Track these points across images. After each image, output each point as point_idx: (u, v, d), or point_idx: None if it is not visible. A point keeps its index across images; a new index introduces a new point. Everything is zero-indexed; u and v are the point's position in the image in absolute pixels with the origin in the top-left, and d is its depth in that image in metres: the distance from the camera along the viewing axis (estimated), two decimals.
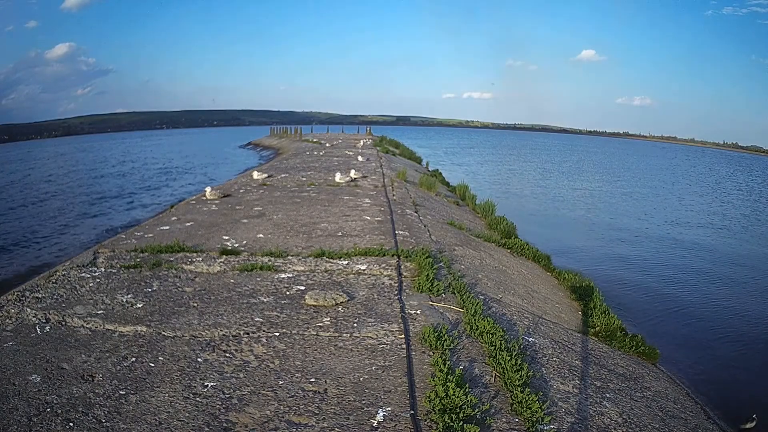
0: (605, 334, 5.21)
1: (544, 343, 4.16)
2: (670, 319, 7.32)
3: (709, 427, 3.86)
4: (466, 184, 14.42)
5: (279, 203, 9.07)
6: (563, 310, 5.93)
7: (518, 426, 2.69)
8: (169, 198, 16.69)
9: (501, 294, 5.36)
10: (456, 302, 4.40)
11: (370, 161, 17.53)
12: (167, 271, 5.07)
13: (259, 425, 2.58)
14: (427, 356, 3.35)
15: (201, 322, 3.82)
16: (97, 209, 15.76)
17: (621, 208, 18.24)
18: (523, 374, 3.09)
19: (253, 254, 5.68)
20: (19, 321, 3.80)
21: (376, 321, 3.89)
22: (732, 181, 34.73)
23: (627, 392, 3.78)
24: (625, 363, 4.60)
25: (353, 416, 2.66)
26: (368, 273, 5.10)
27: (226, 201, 9.40)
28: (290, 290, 4.56)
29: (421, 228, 7.51)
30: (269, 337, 3.61)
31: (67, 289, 4.49)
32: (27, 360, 3.18)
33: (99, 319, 3.86)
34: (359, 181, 12.03)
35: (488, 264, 6.57)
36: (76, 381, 2.95)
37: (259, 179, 12.48)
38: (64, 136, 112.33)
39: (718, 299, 8.39)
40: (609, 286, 8.02)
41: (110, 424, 2.54)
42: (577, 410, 3.11)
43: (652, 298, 8.22)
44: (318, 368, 3.17)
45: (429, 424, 2.57)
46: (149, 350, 3.36)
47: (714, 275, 9.94)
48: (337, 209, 8.47)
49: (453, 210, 10.82)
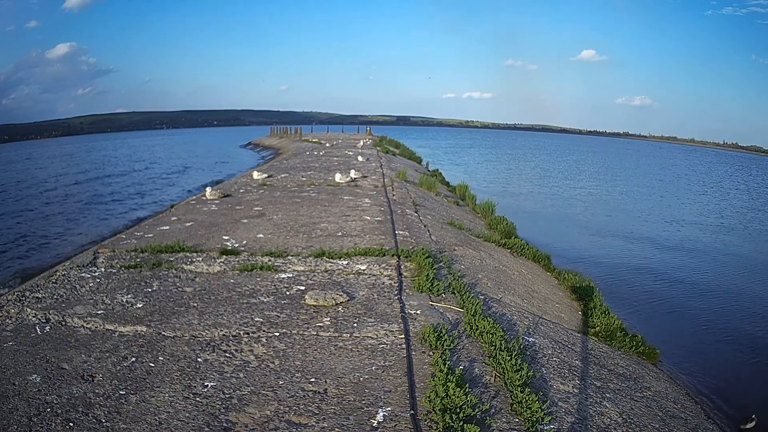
0: (605, 334, 5.21)
1: (544, 343, 4.16)
2: (670, 319, 7.31)
3: (709, 427, 3.86)
4: (466, 184, 14.42)
5: (279, 203, 9.07)
6: (563, 310, 5.93)
7: (518, 426, 2.69)
8: (175, 198, 16.67)
9: (501, 294, 5.36)
10: (456, 302, 4.40)
11: (370, 161, 17.53)
12: (167, 271, 5.07)
13: (259, 425, 2.58)
14: (427, 356, 3.35)
15: (201, 322, 3.82)
16: (98, 209, 15.76)
17: (621, 208, 18.24)
18: (523, 374, 3.09)
19: (253, 254, 5.68)
20: (19, 321, 3.80)
21: (376, 321, 3.89)
22: (732, 180, 34.72)
23: (627, 392, 3.78)
24: (625, 363, 4.60)
25: (353, 416, 2.66)
26: (368, 273, 5.10)
27: (226, 201, 9.40)
28: (290, 290, 4.56)
29: (421, 228, 7.51)
30: (269, 337, 3.61)
31: (67, 289, 4.49)
32: (27, 360, 3.18)
33: (99, 319, 3.86)
34: (359, 181, 12.03)
35: (488, 264, 6.57)
36: (76, 381, 2.95)
37: (259, 179, 12.48)
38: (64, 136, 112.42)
39: (718, 299, 8.38)
40: (609, 286, 8.02)
41: (110, 424, 2.54)
42: (577, 410, 3.11)
43: (652, 298, 8.21)
44: (318, 368, 3.17)
45: (429, 424, 2.57)
46: (149, 350, 3.36)
47: (714, 275, 9.94)
48: (337, 209, 8.47)
49: (453, 210, 10.82)
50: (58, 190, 20.17)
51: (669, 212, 17.80)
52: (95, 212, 15.28)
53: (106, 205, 16.47)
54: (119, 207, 16.13)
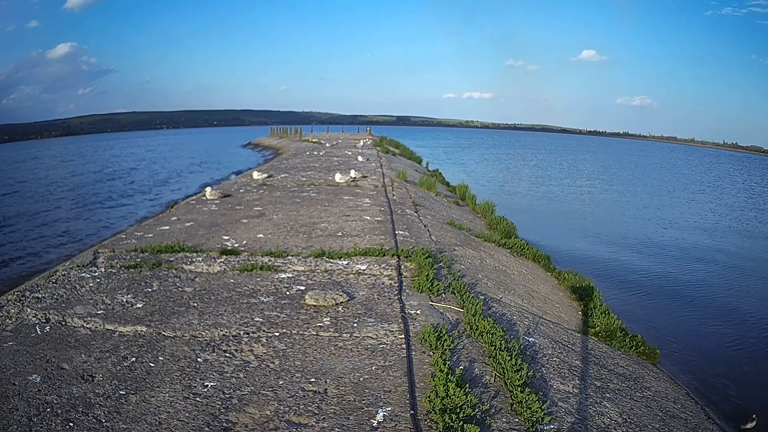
0: (605, 334, 5.21)
1: (544, 343, 4.16)
2: (670, 319, 7.31)
3: (709, 427, 3.86)
4: (466, 184, 14.41)
5: (279, 203, 9.07)
6: (563, 310, 5.93)
7: (518, 426, 2.69)
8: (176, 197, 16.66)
9: (501, 294, 5.36)
10: (456, 302, 4.40)
11: (370, 161, 17.53)
12: (167, 271, 5.07)
13: (259, 425, 2.58)
14: (427, 356, 3.35)
15: (201, 322, 3.82)
16: (98, 209, 15.76)
17: (621, 208, 18.24)
18: (523, 374, 3.09)
19: (253, 254, 5.68)
20: (19, 321, 3.80)
21: (376, 321, 3.89)
22: (731, 180, 34.72)
23: (627, 392, 3.78)
24: (625, 363, 4.60)
25: (353, 416, 2.66)
26: (368, 273, 5.10)
27: (226, 201, 9.40)
28: (290, 290, 4.56)
29: (421, 228, 7.51)
30: (269, 337, 3.61)
31: (67, 289, 4.49)
32: (27, 360, 3.18)
33: (99, 319, 3.86)
34: (359, 181, 12.03)
35: (488, 264, 6.57)
36: (76, 381, 2.95)
37: (259, 179, 12.48)
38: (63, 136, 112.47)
39: (718, 299, 8.38)
40: (609, 286, 8.02)
41: (110, 424, 2.54)
42: (577, 410, 3.11)
43: (652, 298, 8.21)
44: (318, 368, 3.17)
45: (429, 424, 2.57)
46: (149, 350, 3.36)
47: (714, 275, 9.93)
48: (337, 209, 8.47)
49: (453, 210, 10.82)
50: (58, 190, 20.18)
51: (669, 212, 17.79)
52: (95, 212, 15.28)
53: (106, 205, 16.47)
54: (119, 207, 16.14)
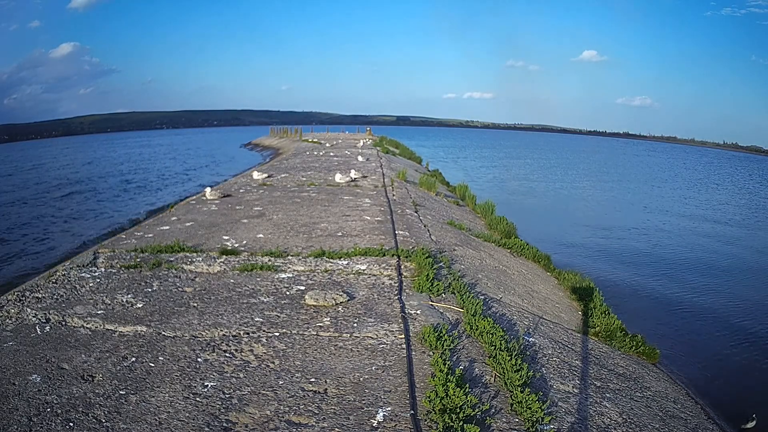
0: (605, 334, 5.21)
1: (544, 343, 4.16)
2: (670, 319, 7.31)
3: (709, 427, 3.86)
4: (466, 184, 14.41)
5: (279, 203, 9.07)
6: (563, 310, 5.92)
7: (518, 426, 2.69)
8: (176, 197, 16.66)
9: (501, 294, 5.36)
10: (456, 302, 4.40)
11: (370, 161, 17.53)
12: (167, 271, 5.06)
13: (259, 425, 2.58)
14: (427, 356, 3.35)
15: (201, 322, 3.82)
16: (98, 209, 15.76)
17: (621, 208, 18.25)
18: (523, 374, 3.09)
19: (253, 254, 5.68)
20: (19, 321, 3.80)
21: (376, 321, 3.89)
22: (731, 180, 34.71)
23: (627, 392, 3.78)
24: (625, 363, 4.60)
25: (353, 416, 2.66)
26: (368, 273, 5.10)
27: (226, 201, 9.40)
28: (290, 290, 4.56)
29: (421, 228, 7.51)
30: (269, 337, 3.61)
31: (67, 289, 4.49)
32: (27, 360, 3.18)
33: (99, 319, 3.85)
34: (359, 181, 12.03)
35: (488, 264, 6.56)
36: (76, 381, 2.95)
37: (259, 179, 12.48)
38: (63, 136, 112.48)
39: (718, 299, 8.38)
40: (609, 286, 8.02)
41: (110, 424, 2.54)
42: (577, 410, 3.11)
43: (652, 298, 8.22)
44: (318, 368, 3.17)
45: (429, 424, 2.57)
46: (149, 350, 3.36)
47: (715, 275, 9.94)
48: (337, 209, 8.47)
49: (453, 210, 10.82)
50: (58, 190, 20.17)
51: (669, 212, 17.79)
52: (95, 212, 15.28)
53: (106, 205, 16.47)
54: (119, 207, 16.14)
